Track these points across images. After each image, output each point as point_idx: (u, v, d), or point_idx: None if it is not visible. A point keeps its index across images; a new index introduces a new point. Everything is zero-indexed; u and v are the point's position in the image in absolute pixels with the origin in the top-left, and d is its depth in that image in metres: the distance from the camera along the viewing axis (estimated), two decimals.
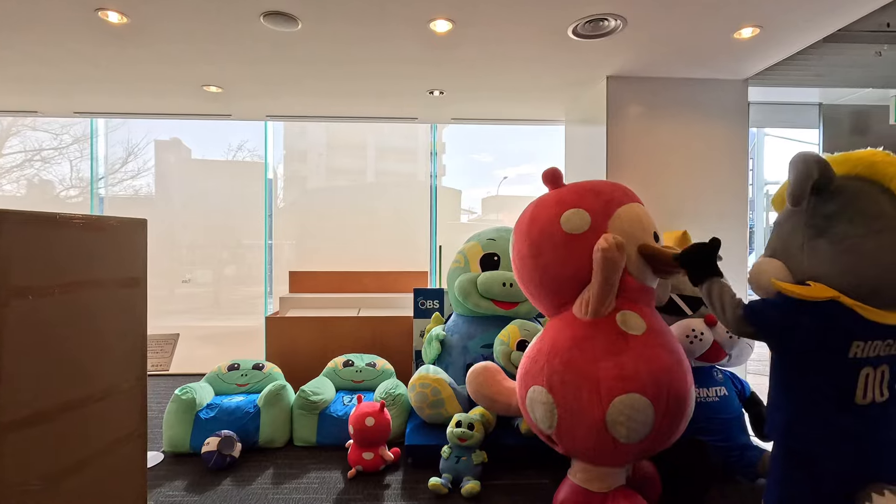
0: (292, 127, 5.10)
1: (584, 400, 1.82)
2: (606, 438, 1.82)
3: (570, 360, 1.87)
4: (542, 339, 2.05)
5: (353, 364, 3.23)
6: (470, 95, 3.43)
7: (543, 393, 1.90)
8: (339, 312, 3.82)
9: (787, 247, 1.61)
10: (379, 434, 2.45)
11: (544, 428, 1.94)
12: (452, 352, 3.06)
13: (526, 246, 2.07)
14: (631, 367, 1.81)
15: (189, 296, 5.00)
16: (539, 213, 2.08)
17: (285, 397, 2.82)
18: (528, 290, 2.16)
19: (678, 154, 3.03)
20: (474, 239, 3.25)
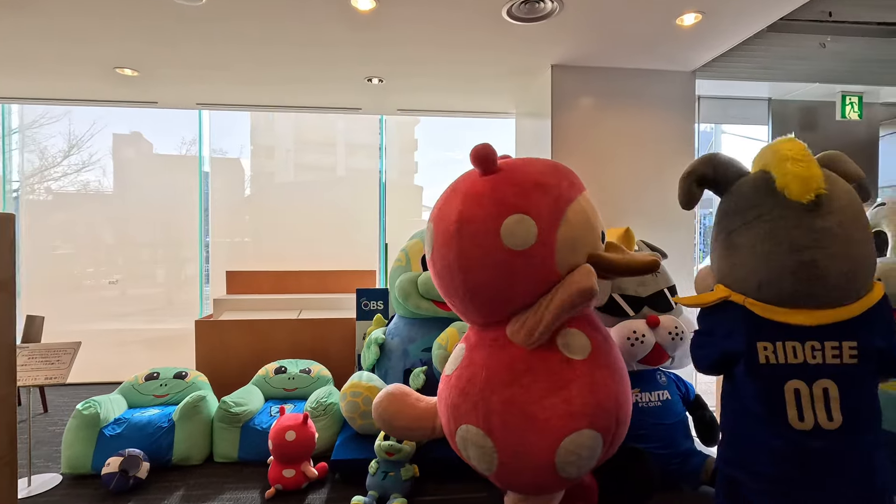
0: (259, 120, 4.84)
1: (531, 444, 1.58)
2: (552, 479, 1.64)
3: (512, 400, 1.60)
4: (471, 365, 1.72)
5: (286, 371, 3.01)
6: (412, 84, 3.24)
7: (480, 435, 1.63)
8: (278, 315, 3.59)
9: (711, 252, 1.60)
10: (301, 449, 2.25)
11: (480, 468, 1.71)
12: (392, 356, 2.87)
13: (453, 255, 1.64)
14: (579, 401, 1.60)
15: (141, 298, 4.66)
16: (472, 213, 1.62)
17: (204, 409, 2.58)
18: (452, 302, 1.79)
19: (625, 147, 2.92)
20: (417, 236, 3.07)
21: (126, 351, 4.46)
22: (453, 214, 1.66)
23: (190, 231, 4.35)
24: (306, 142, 4.92)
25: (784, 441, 1.32)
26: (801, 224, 1.35)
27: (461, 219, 1.63)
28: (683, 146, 2.95)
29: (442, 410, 1.80)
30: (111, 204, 4.55)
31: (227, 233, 4.61)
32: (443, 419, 1.81)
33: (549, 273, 1.62)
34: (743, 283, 1.42)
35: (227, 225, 4.58)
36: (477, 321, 1.80)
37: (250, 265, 4.31)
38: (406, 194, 5.00)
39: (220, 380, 3.14)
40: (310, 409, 2.62)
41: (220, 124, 4.59)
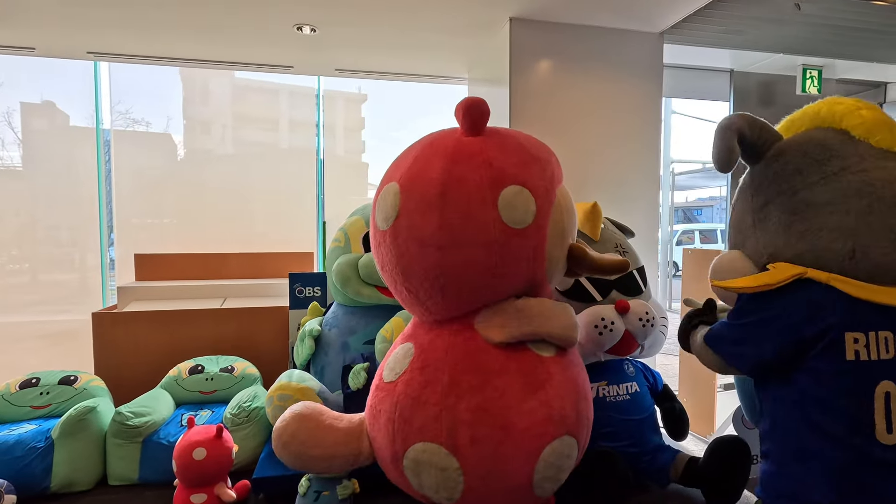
0: (192, 95, 4.26)
1: (506, 459, 1.30)
2: (526, 500, 1.38)
3: (484, 406, 1.31)
4: (426, 367, 1.39)
5: (203, 370, 2.57)
6: (350, 38, 2.81)
7: (442, 454, 1.30)
8: (198, 304, 3.10)
9: (740, 231, 1.33)
10: (213, 469, 1.85)
11: (438, 498, 1.36)
12: (329, 350, 2.51)
13: (432, 227, 1.30)
14: (558, 403, 1.36)
15: (55, 284, 3.98)
16: (462, 175, 1.31)
17: (95, 423, 2.11)
18: (412, 285, 1.39)
19: (589, 116, 2.66)
20: (358, 213, 2.69)
21: (21, 349, 3.81)
22: (435, 175, 1.32)
23: (90, 211, 3.72)
24: (241, 117, 4.39)
25: (863, 461, 1.02)
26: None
27: (447, 181, 1.30)
28: (650, 116, 2.73)
29: (380, 427, 1.43)
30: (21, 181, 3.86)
31: (143, 213, 4.01)
32: (380, 440, 1.44)
33: (537, 266, 1.39)
34: (823, 255, 1.09)
35: (145, 204, 3.99)
36: (435, 314, 1.46)
37: (173, 248, 3.76)
38: (352, 172, 4.63)
39: (125, 384, 2.64)
40: (230, 416, 2.22)
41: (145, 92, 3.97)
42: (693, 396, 2.54)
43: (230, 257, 3.56)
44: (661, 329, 2.15)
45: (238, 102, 4.39)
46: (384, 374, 1.51)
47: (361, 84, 4.66)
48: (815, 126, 1.28)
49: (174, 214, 4.16)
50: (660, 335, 2.14)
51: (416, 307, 1.49)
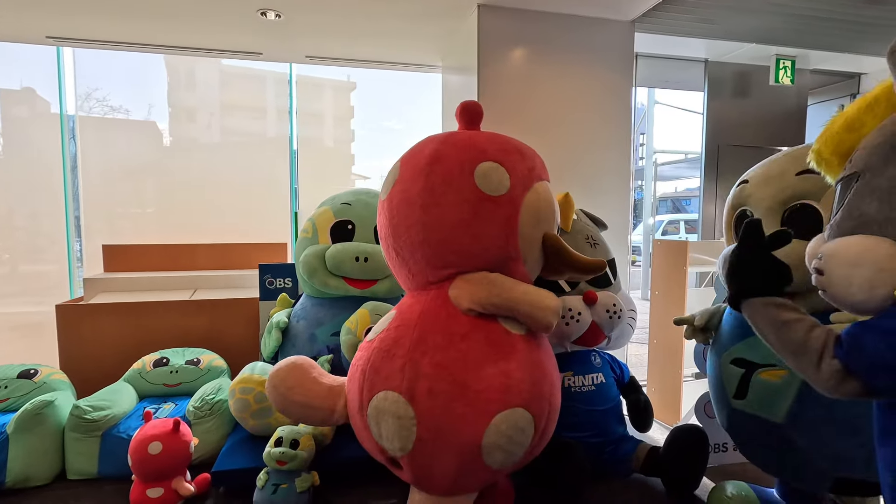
0: (178, 81, 4.16)
1: (457, 416, 1.37)
2: (475, 466, 1.41)
3: (445, 363, 1.40)
4: (399, 325, 1.53)
5: (168, 362, 2.53)
6: (317, 24, 2.75)
7: (401, 403, 1.39)
8: (167, 296, 3.06)
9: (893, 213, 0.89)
10: (170, 464, 1.83)
11: (392, 448, 1.44)
12: (297, 342, 2.48)
13: (418, 187, 1.53)
14: (517, 375, 1.43)
15: (30, 275, 3.89)
16: (447, 152, 1.55)
17: (52, 417, 2.07)
18: (399, 245, 1.58)
19: (558, 106, 2.64)
20: (326, 204, 2.65)
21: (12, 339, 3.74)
22: (427, 152, 1.58)
23: (56, 200, 3.64)
24: (224, 105, 4.30)
25: None
26: None
27: (435, 157, 1.55)
28: (620, 106, 2.71)
29: (355, 380, 1.54)
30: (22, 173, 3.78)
31: (115, 202, 3.93)
32: (353, 391, 1.54)
33: (509, 234, 1.52)
34: None
35: (117, 194, 3.90)
36: (416, 276, 1.60)
37: (147, 239, 3.69)
38: (337, 161, 4.58)
39: (91, 377, 2.58)
40: (192, 409, 2.19)
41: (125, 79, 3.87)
42: (661, 385, 2.55)
43: (200, 248, 3.50)
44: (629, 321, 2.15)
45: (222, 90, 4.31)
46: (369, 336, 1.62)
47: (350, 73, 4.60)
48: None
49: (149, 204, 4.08)
50: (627, 327, 2.15)
51: (402, 270, 1.63)
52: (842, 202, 0.98)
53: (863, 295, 0.87)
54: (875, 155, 0.93)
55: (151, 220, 4.04)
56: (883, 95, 0.98)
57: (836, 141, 1.04)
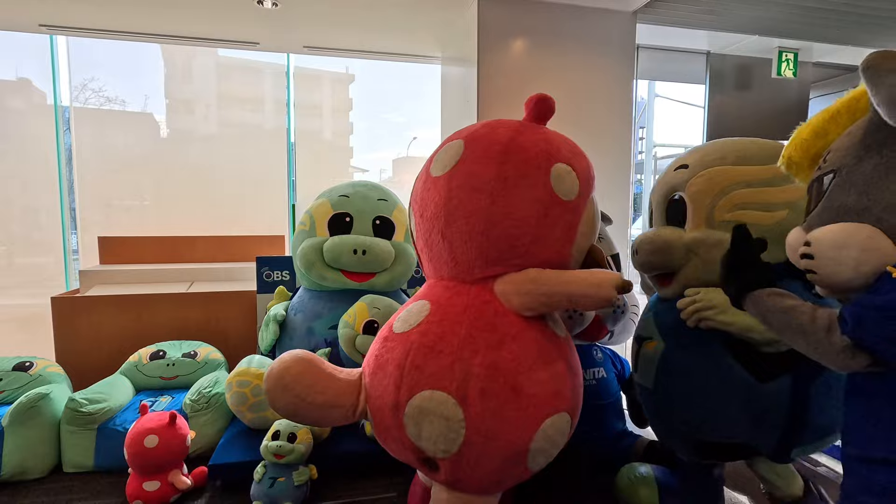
0: (175, 72, 4.12)
1: (508, 420, 1.32)
2: (519, 469, 1.39)
3: (497, 365, 1.33)
4: (444, 320, 1.41)
5: (165, 355, 2.52)
6: (315, 13, 2.71)
7: (451, 404, 1.31)
8: (164, 288, 3.03)
9: (872, 202, 1.00)
10: (166, 457, 1.82)
11: (433, 450, 1.35)
12: (294, 335, 2.46)
13: (489, 174, 1.42)
14: (566, 380, 1.42)
15: (29, 267, 3.87)
16: (523, 143, 1.46)
17: (48, 410, 2.06)
18: (451, 230, 1.45)
19: (559, 94, 2.54)
20: (324, 196, 2.62)
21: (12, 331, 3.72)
22: (501, 137, 1.48)
23: (52, 192, 3.60)
24: (222, 96, 4.25)
25: None
26: None
27: (511, 146, 1.45)
28: (621, 99, 2.68)
29: (385, 375, 1.42)
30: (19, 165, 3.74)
31: (111, 195, 3.89)
32: (382, 388, 1.42)
33: (567, 240, 1.48)
34: None
35: (113, 185, 3.87)
36: (462, 266, 1.49)
37: (144, 231, 3.67)
38: (335, 153, 4.54)
39: (87, 370, 2.58)
40: (189, 402, 2.18)
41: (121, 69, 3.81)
42: None
43: (197, 240, 3.47)
44: (632, 316, 2.14)
45: (219, 81, 4.25)
46: (395, 326, 1.50)
47: (349, 64, 4.55)
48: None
49: (146, 196, 4.05)
50: (630, 322, 2.13)
51: (443, 256, 1.51)
52: (819, 197, 1.10)
53: (850, 273, 0.98)
54: (850, 155, 1.06)
55: (148, 212, 4.01)
56: (844, 107, 1.12)
57: (806, 147, 1.18)
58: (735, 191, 1.49)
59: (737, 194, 1.48)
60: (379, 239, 2.44)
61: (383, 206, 2.55)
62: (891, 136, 1.01)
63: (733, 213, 1.48)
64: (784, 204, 1.45)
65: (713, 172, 1.53)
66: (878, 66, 0.97)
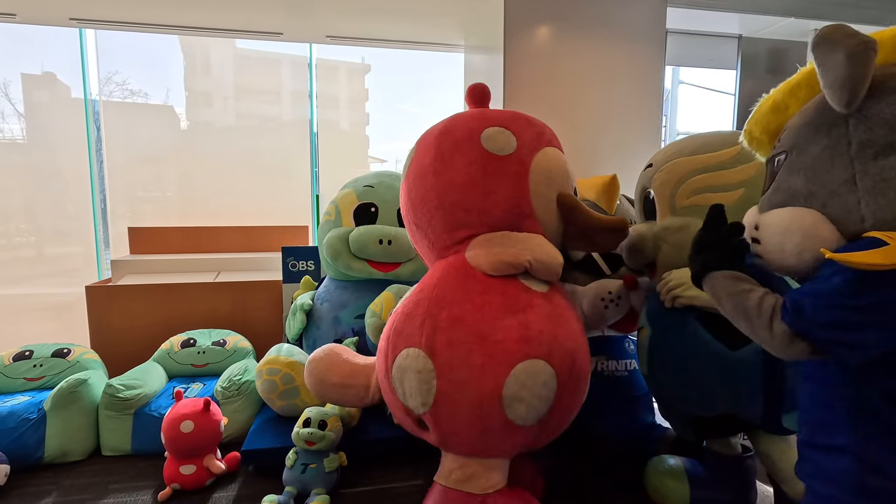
0: (194, 64, 4.18)
1: (476, 367, 1.37)
2: (498, 419, 1.40)
3: (462, 316, 1.42)
4: (421, 290, 1.57)
5: (195, 343, 2.57)
6: (340, 3, 2.69)
7: (421, 357, 1.42)
8: (192, 278, 3.09)
9: (818, 186, 0.97)
10: (201, 442, 1.87)
11: (415, 405, 1.45)
12: (321, 324, 2.49)
13: (429, 158, 1.61)
14: (536, 326, 1.43)
15: (60, 257, 4.00)
16: (454, 125, 1.64)
17: (86, 395, 2.12)
18: (417, 216, 1.65)
19: (586, 86, 2.55)
20: (349, 186, 2.64)
21: (23, 321, 3.84)
22: (437, 127, 1.68)
23: (81, 183, 3.68)
24: (241, 88, 4.29)
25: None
26: None
27: (444, 129, 1.64)
28: (651, 85, 2.62)
29: (381, 348, 1.58)
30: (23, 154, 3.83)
31: (140, 186, 3.97)
32: (380, 360, 1.58)
33: (521, 192, 1.55)
34: None
35: (142, 177, 3.95)
36: (435, 244, 1.64)
37: (170, 222, 3.74)
38: (354, 144, 4.54)
39: (120, 357, 2.65)
40: (220, 390, 2.22)
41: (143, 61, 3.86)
42: None
43: (224, 231, 3.52)
44: None
45: (239, 73, 4.28)
46: (395, 309, 1.65)
47: (365, 54, 4.55)
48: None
49: (171, 188, 4.11)
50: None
51: (423, 242, 1.68)
52: (772, 178, 1.07)
53: (794, 259, 0.98)
54: (800, 135, 1.02)
55: (174, 203, 4.08)
56: (804, 80, 1.05)
57: (765, 122, 1.14)
58: (692, 177, 1.58)
59: (693, 181, 1.58)
60: (404, 229, 2.43)
61: None
62: (840, 118, 0.96)
63: (692, 198, 1.58)
64: (739, 183, 1.52)
65: (672, 164, 1.64)
66: (825, 44, 0.91)
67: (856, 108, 0.94)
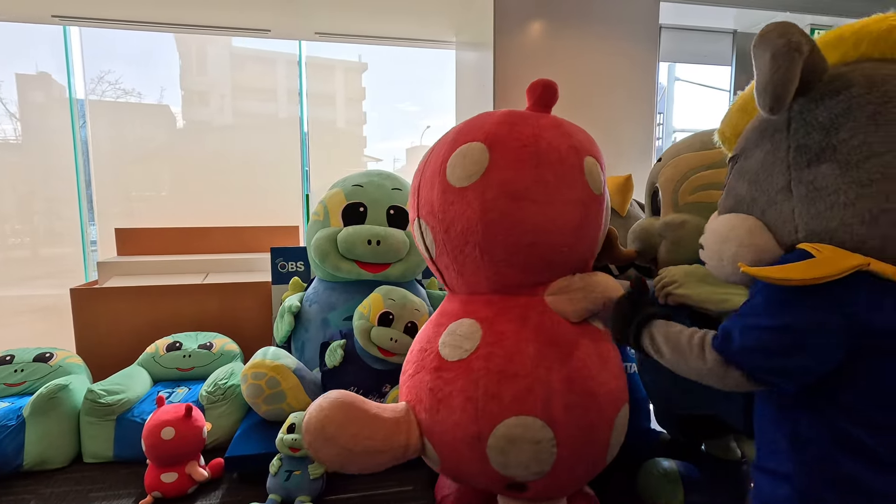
0: (189, 64, 4.13)
1: (591, 427, 1.32)
2: (601, 466, 1.42)
3: (571, 377, 1.30)
4: (503, 340, 1.33)
5: (181, 346, 2.52)
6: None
7: (538, 426, 1.26)
8: (180, 280, 3.04)
9: (759, 192, 0.95)
10: (183, 449, 1.82)
11: (524, 475, 1.30)
12: (310, 327, 2.45)
13: (527, 181, 1.30)
14: (619, 372, 1.43)
15: (56, 258, 3.94)
16: (549, 139, 1.34)
17: (67, 401, 2.08)
18: (489, 246, 1.34)
19: (578, 85, 2.51)
20: (338, 185, 2.59)
21: (13, 323, 3.79)
22: (527, 137, 1.34)
23: (71, 183, 3.63)
24: (236, 87, 4.24)
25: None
26: None
27: (540, 142, 1.33)
28: (644, 82, 2.58)
29: (453, 410, 1.32)
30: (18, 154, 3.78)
31: (128, 186, 3.92)
32: (451, 423, 1.32)
33: (599, 233, 1.45)
34: None
35: (131, 177, 3.90)
36: (505, 280, 1.41)
37: (160, 222, 3.69)
38: (349, 143, 4.51)
39: (106, 361, 2.60)
40: (205, 394, 2.17)
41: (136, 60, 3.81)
42: None
43: (213, 231, 3.47)
44: None
45: (234, 71, 4.24)
46: (445, 354, 1.39)
47: (362, 53, 4.52)
48: (883, 53, 0.90)
49: (162, 188, 4.06)
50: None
51: (481, 272, 1.40)
52: (727, 182, 1.06)
53: (731, 268, 0.95)
54: (749, 139, 1.00)
55: (163, 203, 4.03)
56: None
57: (734, 122, 1.11)
58: (696, 174, 1.53)
59: (697, 177, 1.52)
60: (393, 229, 2.39)
61: (397, 196, 2.50)
62: (783, 122, 0.93)
63: (695, 194, 1.52)
64: None
65: (678, 160, 1.59)
66: (760, 44, 0.88)
67: (787, 111, 0.91)
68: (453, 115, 3.56)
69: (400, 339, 2.07)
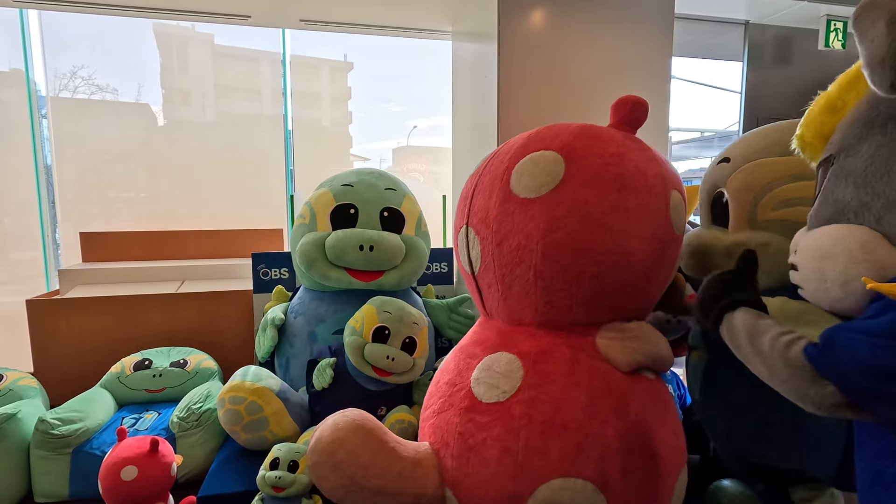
0: (170, 63, 3.87)
1: (652, 494, 1.16)
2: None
3: (630, 433, 1.14)
4: (548, 384, 1.16)
5: (151, 364, 2.26)
6: None
7: (588, 491, 1.10)
8: (152, 288, 2.77)
9: (871, 196, 0.79)
10: (147, 490, 1.56)
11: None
12: (295, 341, 2.22)
13: (606, 205, 1.15)
14: (680, 430, 1.26)
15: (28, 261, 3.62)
16: (636, 162, 1.19)
17: (16, 432, 1.81)
18: (549, 271, 1.18)
19: (589, 71, 2.31)
20: (325, 185, 2.36)
21: None
22: (611, 156, 1.19)
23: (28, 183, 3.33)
24: (218, 86, 4.00)
25: None
26: None
27: (626, 164, 1.17)
28: (658, 75, 2.39)
29: (487, 461, 1.14)
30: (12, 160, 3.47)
31: (97, 187, 3.62)
32: (485, 476, 1.15)
33: (669, 278, 1.32)
34: None
35: (100, 178, 3.60)
36: (557, 312, 1.23)
37: (131, 226, 3.41)
38: (335, 142, 4.32)
39: (67, 382, 2.34)
40: (177, 421, 1.93)
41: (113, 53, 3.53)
42: None
43: (188, 235, 3.20)
44: None
45: (216, 69, 4.00)
46: (478, 393, 1.21)
47: (348, 52, 4.35)
48: None
49: (136, 188, 3.78)
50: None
51: (529, 299, 1.24)
52: (819, 188, 0.92)
53: (838, 291, 0.78)
54: (850, 134, 0.86)
55: (137, 205, 3.75)
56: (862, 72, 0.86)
57: (818, 124, 0.98)
58: (780, 186, 1.27)
59: (782, 190, 1.27)
60: (387, 233, 2.17)
61: (391, 197, 2.28)
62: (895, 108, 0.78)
63: (779, 211, 1.28)
64: None
65: (755, 166, 1.33)
66: (866, 14, 0.75)
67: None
68: (444, 115, 3.35)
69: (397, 356, 1.86)
